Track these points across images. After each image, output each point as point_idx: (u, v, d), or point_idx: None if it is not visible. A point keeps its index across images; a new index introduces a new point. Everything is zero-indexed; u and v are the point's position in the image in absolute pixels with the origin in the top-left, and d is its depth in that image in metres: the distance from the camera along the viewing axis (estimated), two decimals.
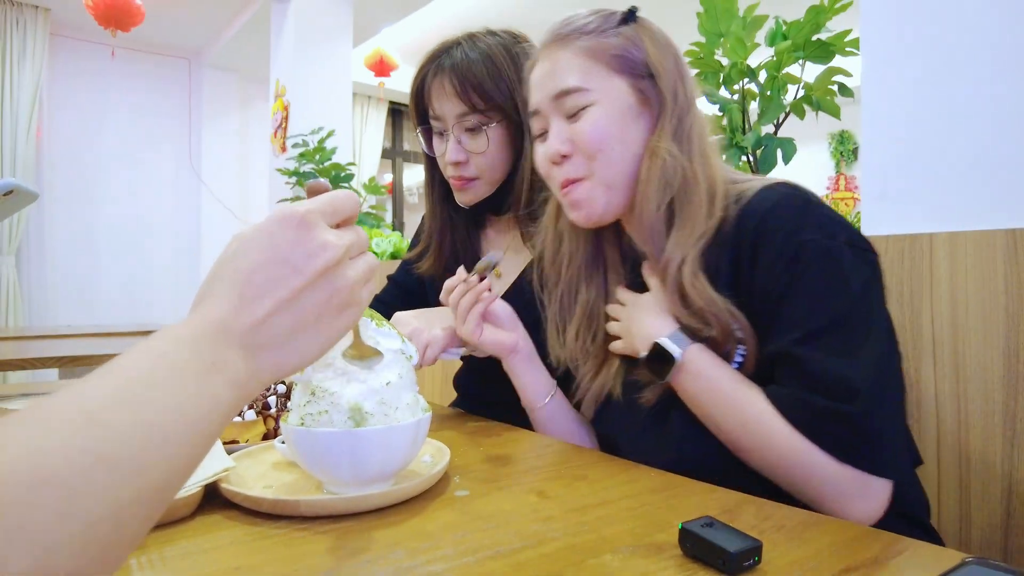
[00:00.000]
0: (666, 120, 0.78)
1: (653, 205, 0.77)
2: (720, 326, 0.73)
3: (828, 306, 0.68)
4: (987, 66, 1.12)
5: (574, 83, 0.78)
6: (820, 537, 0.52)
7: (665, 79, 0.79)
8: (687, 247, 0.75)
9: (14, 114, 4.53)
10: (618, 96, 0.79)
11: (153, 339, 0.35)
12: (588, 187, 0.80)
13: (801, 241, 0.69)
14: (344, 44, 4.29)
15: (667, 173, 0.77)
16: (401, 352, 0.64)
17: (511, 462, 0.74)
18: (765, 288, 0.71)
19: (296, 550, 0.50)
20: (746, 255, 0.73)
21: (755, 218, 0.73)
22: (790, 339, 0.68)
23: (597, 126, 0.78)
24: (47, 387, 1.25)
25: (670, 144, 0.78)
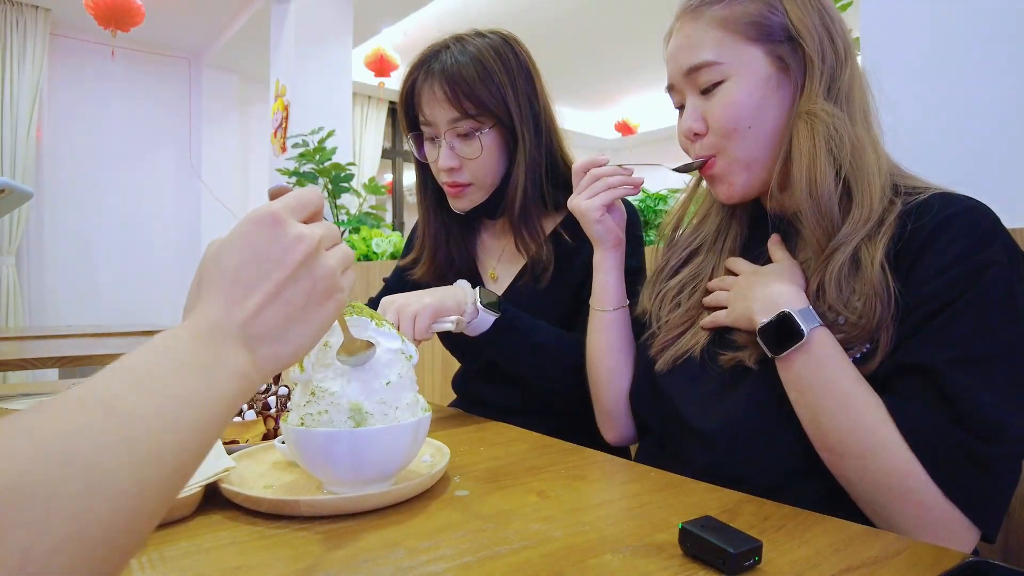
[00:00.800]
0: (815, 80, 0.72)
1: (827, 175, 0.69)
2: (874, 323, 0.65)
3: (997, 335, 0.61)
4: (987, 67, 1.12)
5: (705, 57, 0.74)
6: (820, 537, 0.52)
7: (810, 40, 0.72)
8: (870, 224, 0.68)
9: (14, 114, 4.53)
10: (755, 67, 0.73)
11: (155, 340, 0.37)
12: (725, 164, 0.77)
13: (988, 259, 0.63)
14: (344, 44, 4.29)
15: (831, 134, 0.70)
16: (401, 352, 0.64)
17: (511, 462, 0.74)
18: (924, 293, 0.64)
19: (296, 550, 0.50)
20: (911, 251, 0.66)
21: (935, 217, 0.66)
22: (944, 357, 0.61)
23: (731, 104, 0.74)
24: (47, 387, 1.25)
25: (825, 103, 0.71)
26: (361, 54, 4.94)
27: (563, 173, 1.09)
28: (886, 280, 0.65)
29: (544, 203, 1.07)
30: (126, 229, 5.23)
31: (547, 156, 1.06)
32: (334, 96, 4.18)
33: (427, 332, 0.90)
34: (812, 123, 0.71)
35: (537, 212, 1.06)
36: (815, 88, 0.72)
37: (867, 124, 0.73)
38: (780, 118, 0.74)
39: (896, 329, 0.65)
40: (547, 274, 1.06)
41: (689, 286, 0.86)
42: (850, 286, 0.67)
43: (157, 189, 5.40)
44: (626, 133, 7.49)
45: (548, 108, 1.08)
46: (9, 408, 1.02)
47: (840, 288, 0.68)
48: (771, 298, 0.70)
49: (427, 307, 0.90)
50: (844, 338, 0.67)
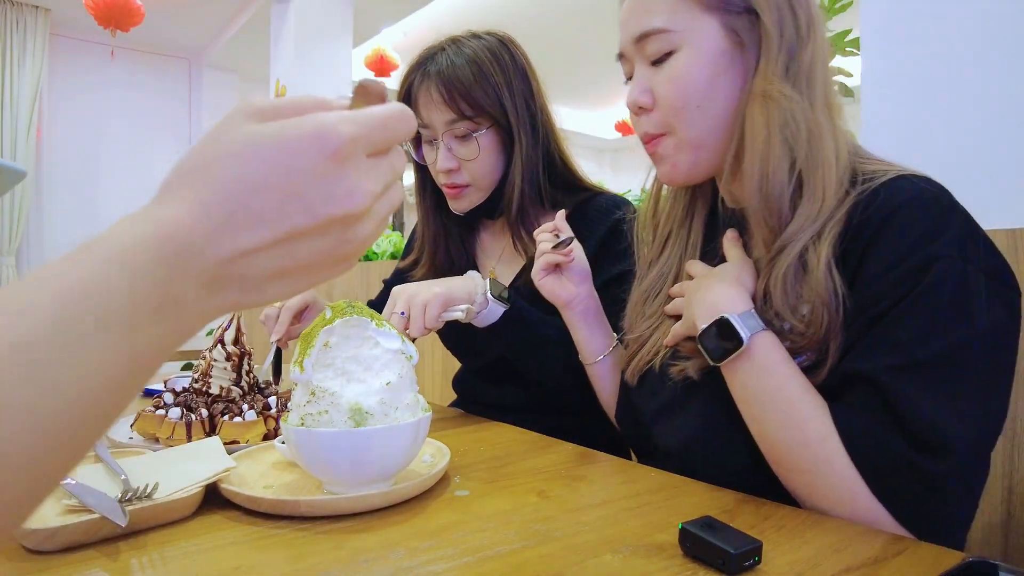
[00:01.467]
0: (772, 56, 0.66)
1: (780, 168, 0.64)
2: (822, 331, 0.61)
3: (944, 338, 0.56)
4: (987, 66, 1.12)
5: (657, 24, 0.69)
6: (820, 537, 0.52)
7: (769, 12, 0.66)
8: (819, 223, 0.63)
9: (14, 114, 4.53)
10: (708, 39, 0.68)
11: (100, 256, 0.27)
12: (672, 144, 0.72)
13: (934, 253, 0.57)
14: (344, 44, 4.29)
15: (787, 120, 0.64)
16: (401, 352, 0.64)
17: (511, 462, 0.74)
18: (870, 294, 0.60)
19: (296, 550, 0.50)
20: (858, 248, 0.62)
21: (883, 210, 0.61)
22: (886, 363, 0.57)
23: (681, 77, 0.68)
24: None
25: (783, 84, 0.65)
26: (361, 54, 4.95)
27: (561, 172, 1.09)
28: (833, 285, 0.61)
29: (542, 202, 1.07)
30: None
31: (544, 156, 1.07)
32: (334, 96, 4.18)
33: (437, 321, 0.89)
34: (767, 106, 0.65)
35: (535, 211, 1.06)
36: (772, 67, 0.66)
37: (828, 108, 0.67)
38: (732, 98, 0.69)
39: (845, 336, 0.61)
40: None
41: (653, 291, 0.82)
42: (796, 291, 0.63)
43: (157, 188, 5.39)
44: (626, 133, 7.48)
45: (545, 108, 1.09)
46: None
47: (786, 293, 0.63)
48: (711, 302, 0.66)
49: (437, 296, 0.89)
50: (791, 347, 0.63)
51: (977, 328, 0.56)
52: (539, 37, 5.85)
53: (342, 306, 0.63)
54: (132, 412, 0.86)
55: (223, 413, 0.80)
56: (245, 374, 0.88)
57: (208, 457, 0.65)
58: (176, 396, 0.85)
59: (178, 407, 0.80)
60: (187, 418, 0.78)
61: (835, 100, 0.69)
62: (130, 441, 0.79)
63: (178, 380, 1.02)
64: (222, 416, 0.80)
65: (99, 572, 0.47)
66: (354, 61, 4.47)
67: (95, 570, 0.47)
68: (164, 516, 0.55)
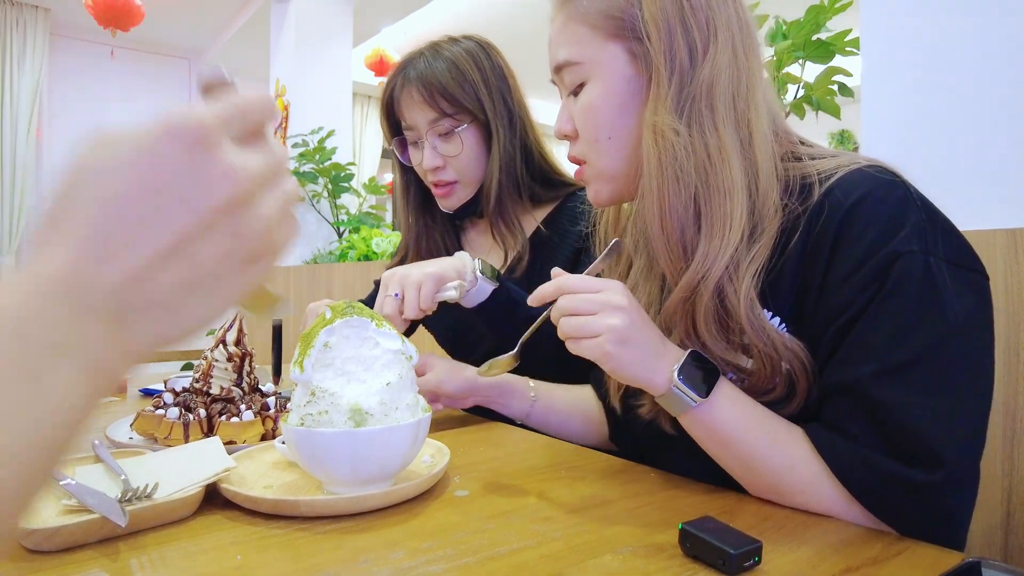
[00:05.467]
0: (662, 85, 0.63)
1: (675, 207, 0.62)
2: (768, 364, 0.60)
3: (919, 338, 0.55)
4: (987, 66, 1.12)
5: (567, 55, 0.68)
6: (820, 537, 0.52)
7: (656, 38, 0.63)
8: (724, 258, 0.60)
9: (14, 114, 4.53)
10: (613, 68, 0.66)
11: None
12: (592, 173, 0.72)
13: (894, 251, 0.56)
14: (344, 44, 4.28)
15: (676, 155, 0.62)
16: (401, 352, 0.64)
17: (511, 462, 0.74)
18: (837, 302, 0.58)
19: (296, 550, 0.50)
20: (821, 256, 0.59)
21: (838, 211, 0.59)
22: (864, 371, 0.56)
23: (591, 109, 0.68)
24: None
25: (670, 117, 0.62)
26: (361, 54, 4.94)
27: (539, 165, 1.14)
28: (762, 325, 0.59)
29: (520, 194, 1.11)
30: None
31: (522, 148, 1.11)
32: (334, 96, 4.18)
33: (431, 300, 0.89)
34: (656, 142, 0.63)
35: (512, 202, 1.10)
36: (662, 96, 0.63)
37: (741, 127, 0.63)
38: (637, 127, 0.66)
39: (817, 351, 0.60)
40: (523, 263, 1.09)
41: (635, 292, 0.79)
42: (726, 334, 0.61)
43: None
44: None
45: (522, 103, 1.13)
46: None
47: (715, 336, 0.62)
48: (645, 366, 0.60)
49: (430, 275, 0.90)
50: (750, 385, 0.62)
51: (950, 321, 0.55)
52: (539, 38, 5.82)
53: (342, 306, 0.63)
54: (132, 412, 0.86)
55: (221, 413, 0.80)
56: (246, 375, 0.88)
57: (208, 457, 0.65)
58: (176, 396, 0.84)
59: (176, 407, 0.80)
60: (184, 418, 0.78)
61: (752, 115, 0.64)
62: (130, 441, 0.79)
63: (178, 380, 1.02)
64: (220, 416, 0.80)
65: (99, 572, 0.47)
66: (354, 61, 4.47)
67: (95, 570, 0.47)
68: (164, 516, 0.55)
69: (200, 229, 0.28)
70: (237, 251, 0.30)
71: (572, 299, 0.61)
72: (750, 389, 0.62)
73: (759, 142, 0.63)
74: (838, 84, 1.46)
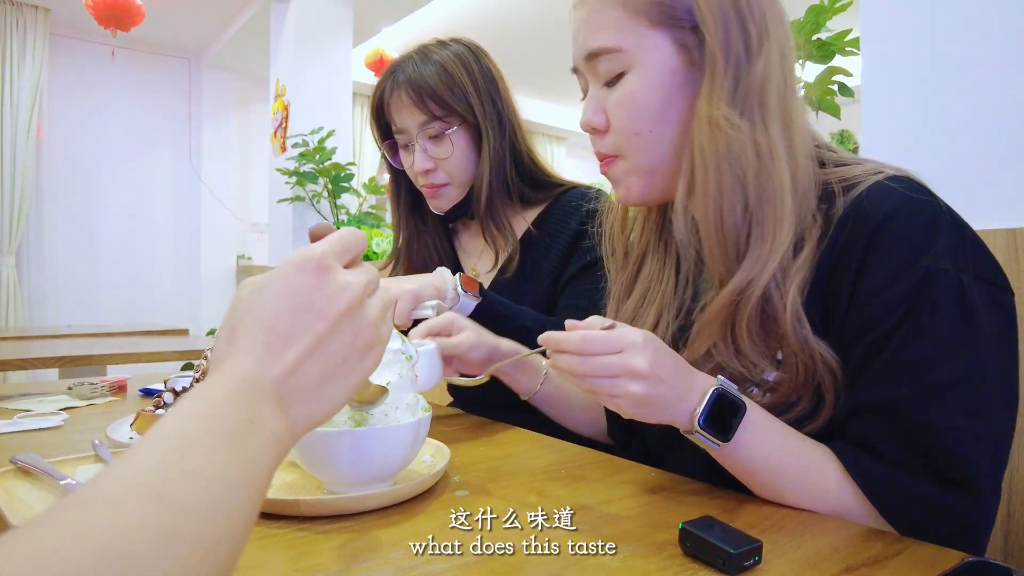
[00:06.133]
0: (717, 77, 0.61)
1: (734, 206, 0.60)
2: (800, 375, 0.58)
3: (957, 359, 0.54)
4: (987, 66, 1.12)
5: (605, 42, 0.64)
6: (820, 537, 0.52)
7: (714, 28, 0.61)
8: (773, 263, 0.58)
9: (14, 114, 4.52)
10: (659, 58, 0.63)
11: (190, 401, 0.34)
12: (624, 168, 0.68)
13: (928, 269, 0.55)
14: (344, 44, 4.28)
15: (735, 151, 0.60)
16: (401, 352, 0.64)
17: (511, 462, 0.74)
18: (868, 317, 0.57)
19: (296, 550, 0.50)
20: (848, 268, 0.58)
21: (869, 224, 0.57)
22: (902, 392, 0.55)
23: (632, 101, 0.64)
24: (47, 387, 1.25)
25: (728, 110, 0.60)
26: (361, 54, 4.94)
27: (528, 167, 1.15)
28: (804, 335, 0.58)
29: (510, 195, 1.12)
30: (126, 229, 5.23)
31: (511, 150, 1.12)
32: (334, 96, 4.18)
33: (406, 317, 0.88)
34: (714, 136, 0.61)
35: (502, 204, 1.11)
36: (717, 88, 0.61)
37: (787, 131, 0.62)
38: (684, 119, 0.64)
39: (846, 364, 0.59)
40: (513, 263, 1.10)
41: (645, 303, 0.77)
42: (766, 341, 0.60)
43: (157, 189, 5.40)
44: None
45: (511, 105, 1.13)
46: (9, 408, 1.02)
47: (755, 343, 0.60)
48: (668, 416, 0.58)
49: (407, 292, 0.88)
50: (773, 399, 0.60)
51: (985, 342, 0.55)
52: (539, 37, 5.84)
53: None
54: (132, 412, 0.86)
55: None
56: None
57: None
58: (176, 396, 0.84)
59: None
60: None
61: (795, 115, 0.63)
62: (130, 441, 0.79)
63: (178, 380, 1.02)
64: None
65: None
66: (354, 61, 4.47)
67: None
68: None
69: (330, 330, 0.39)
70: (357, 343, 0.40)
71: (590, 365, 0.56)
72: (774, 404, 0.61)
73: (799, 144, 0.62)
74: (838, 84, 1.46)
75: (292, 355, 0.37)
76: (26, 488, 0.61)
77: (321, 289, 0.39)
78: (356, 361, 0.41)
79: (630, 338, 0.56)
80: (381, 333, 0.43)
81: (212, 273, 5.48)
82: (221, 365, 0.37)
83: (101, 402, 1.10)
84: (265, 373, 0.36)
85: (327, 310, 0.39)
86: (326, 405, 0.39)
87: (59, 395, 1.13)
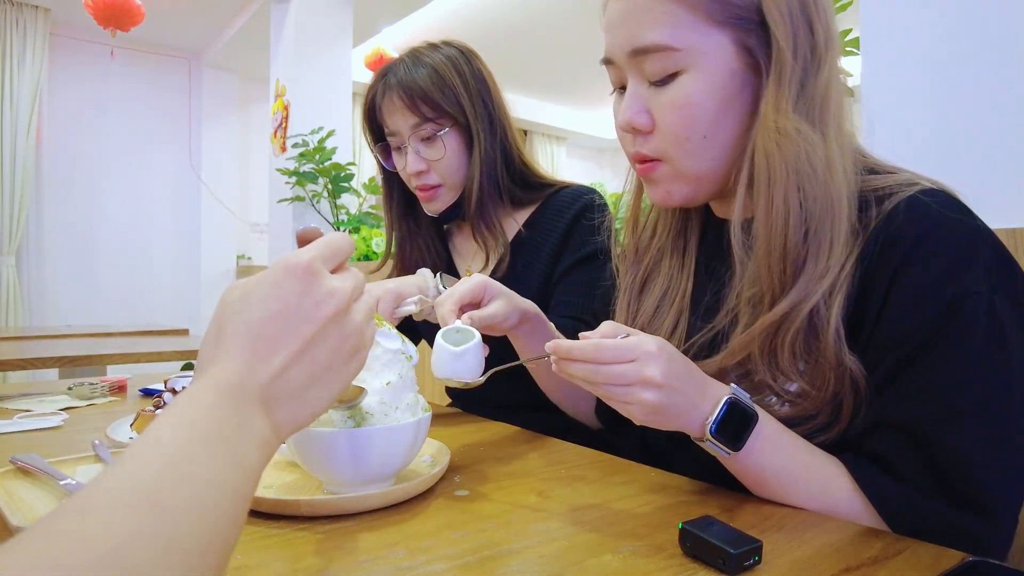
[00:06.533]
0: (784, 81, 0.57)
1: (797, 225, 0.57)
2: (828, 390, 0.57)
3: (984, 384, 0.53)
4: (987, 66, 1.12)
5: (658, 39, 0.59)
6: (820, 537, 0.52)
7: (784, 29, 0.57)
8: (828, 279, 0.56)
9: (14, 114, 4.52)
10: (718, 59, 0.59)
11: (181, 406, 0.35)
12: (668, 172, 0.65)
13: (963, 291, 0.53)
14: (344, 44, 4.29)
15: (802, 163, 0.57)
16: (401, 352, 0.64)
17: (511, 462, 0.74)
18: (897, 333, 0.56)
19: (296, 550, 0.50)
20: (881, 282, 0.56)
21: (904, 240, 0.56)
22: (925, 413, 0.54)
23: (688, 104, 0.60)
24: (47, 387, 1.25)
25: (795, 117, 0.57)
26: (361, 54, 4.94)
27: (519, 169, 1.15)
28: (840, 350, 0.57)
29: (500, 196, 1.12)
30: (126, 229, 5.23)
31: (502, 152, 1.12)
32: (334, 96, 4.18)
33: (390, 315, 0.90)
34: (783, 145, 0.57)
35: (493, 205, 1.12)
36: (785, 93, 0.58)
37: (839, 135, 0.60)
38: (741, 124, 0.61)
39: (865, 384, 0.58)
40: (504, 264, 1.10)
41: (664, 302, 0.76)
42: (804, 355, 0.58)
43: (157, 189, 5.40)
44: None
45: (503, 107, 1.14)
46: (9, 408, 1.02)
47: (795, 356, 0.58)
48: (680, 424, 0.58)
49: (389, 291, 0.90)
50: (792, 411, 0.60)
51: (1015, 367, 0.53)
52: (539, 37, 5.84)
53: None
54: (132, 412, 0.86)
55: None
56: None
57: None
58: (176, 396, 0.84)
59: None
60: None
61: (844, 122, 0.61)
62: (130, 441, 0.79)
63: (178, 380, 1.02)
64: None
65: None
66: (354, 61, 4.47)
67: None
68: None
69: (317, 336, 0.39)
70: (344, 348, 0.41)
71: (603, 374, 0.55)
72: (792, 416, 0.60)
73: (849, 155, 0.60)
74: None
75: (279, 360, 0.38)
76: (26, 488, 0.61)
77: (309, 295, 0.39)
78: (341, 365, 0.41)
79: (644, 347, 0.55)
80: (366, 338, 0.44)
81: (212, 273, 5.49)
82: (209, 369, 0.37)
83: (101, 402, 1.10)
84: (252, 378, 0.37)
85: (315, 316, 0.39)
86: (311, 408, 0.40)
87: (59, 395, 1.14)
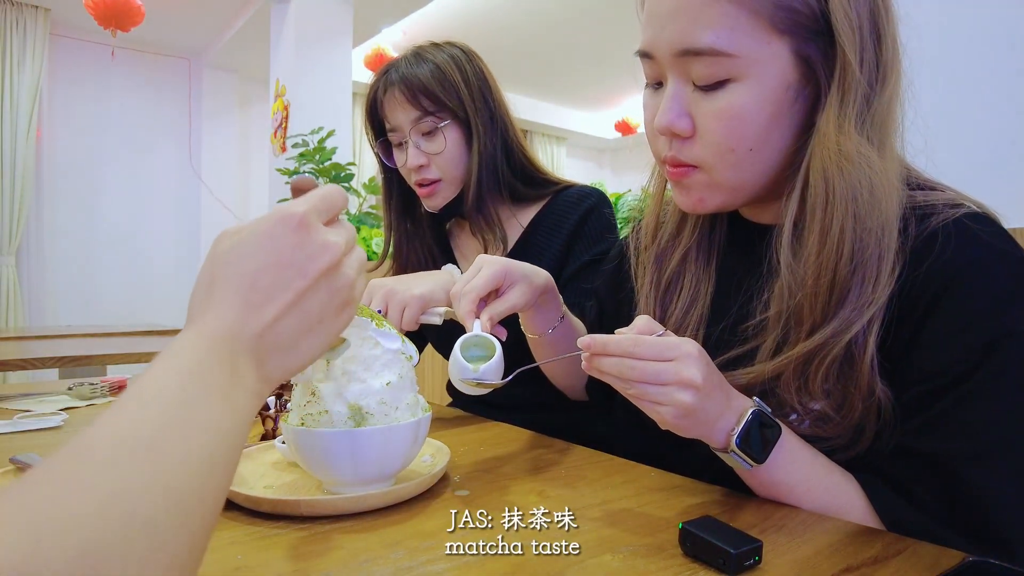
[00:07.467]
0: (849, 96, 0.54)
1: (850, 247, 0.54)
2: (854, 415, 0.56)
3: (1013, 423, 0.52)
4: (986, 66, 1.12)
5: (716, 43, 0.54)
6: (820, 537, 0.52)
7: (850, 40, 0.53)
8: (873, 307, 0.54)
9: (14, 114, 4.53)
10: (776, 69, 0.55)
11: (173, 354, 0.35)
12: (704, 181, 0.61)
13: (1006, 329, 0.52)
14: (344, 44, 4.29)
15: (860, 189, 0.53)
16: (401, 352, 0.64)
17: (511, 462, 0.74)
18: (932, 365, 0.54)
19: (296, 550, 0.50)
20: (918, 308, 0.54)
21: (948, 267, 0.53)
22: (953, 448, 0.53)
23: (738, 115, 0.56)
24: (47, 387, 1.25)
25: (858, 138, 0.53)
26: (361, 54, 4.95)
27: (520, 163, 1.15)
28: (874, 379, 0.55)
29: (500, 191, 1.12)
30: (126, 229, 5.23)
31: (503, 147, 1.13)
32: (334, 96, 4.18)
33: (414, 324, 0.90)
34: (844, 169, 0.53)
35: (493, 200, 1.12)
36: (848, 110, 0.54)
37: (891, 159, 0.56)
38: (791, 138, 0.58)
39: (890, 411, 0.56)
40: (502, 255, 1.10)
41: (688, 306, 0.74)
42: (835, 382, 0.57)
43: (157, 189, 5.40)
44: (626, 133, 7.48)
45: (503, 104, 1.15)
46: (9, 408, 1.02)
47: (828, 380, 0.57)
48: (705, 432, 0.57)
49: (417, 299, 0.90)
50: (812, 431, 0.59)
51: None
52: (539, 38, 5.84)
53: None
54: None
55: None
56: None
57: None
58: None
59: None
60: None
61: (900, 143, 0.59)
62: None
63: None
64: None
65: None
66: (354, 61, 4.47)
67: None
68: None
69: (310, 288, 0.40)
70: (334, 301, 0.41)
71: (640, 370, 0.53)
72: (814, 434, 0.59)
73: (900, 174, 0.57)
74: None
75: (272, 311, 0.38)
76: None
77: (303, 247, 0.39)
78: (332, 318, 0.42)
79: (685, 348, 0.53)
80: (356, 291, 0.44)
81: None
82: (201, 318, 0.37)
83: (101, 402, 1.10)
84: (245, 328, 0.37)
85: (308, 268, 0.39)
86: (301, 358, 0.41)
87: (59, 395, 1.14)
